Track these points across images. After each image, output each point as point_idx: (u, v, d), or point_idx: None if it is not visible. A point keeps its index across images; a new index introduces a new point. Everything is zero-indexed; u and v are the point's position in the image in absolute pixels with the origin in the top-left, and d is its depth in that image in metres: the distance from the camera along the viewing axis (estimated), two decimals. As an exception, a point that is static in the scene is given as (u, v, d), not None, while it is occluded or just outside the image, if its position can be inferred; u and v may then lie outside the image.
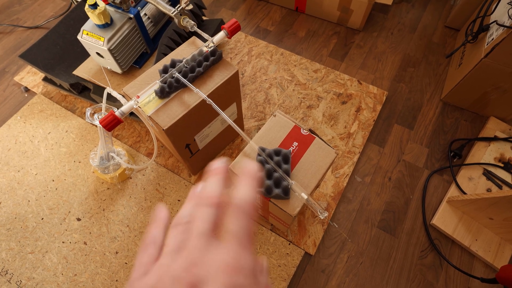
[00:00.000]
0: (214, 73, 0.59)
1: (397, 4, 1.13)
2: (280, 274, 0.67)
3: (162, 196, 0.77)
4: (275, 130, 0.53)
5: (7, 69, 1.00)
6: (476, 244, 0.70)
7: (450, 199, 0.74)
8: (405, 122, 0.88)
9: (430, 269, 0.69)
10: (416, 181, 0.80)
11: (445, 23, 1.07)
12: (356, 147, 0.83)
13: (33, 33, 1.08)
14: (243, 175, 0.20)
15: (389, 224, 0.74)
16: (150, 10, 0.81)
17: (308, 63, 0.98)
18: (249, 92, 0.92)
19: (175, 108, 0.55)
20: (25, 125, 0.88)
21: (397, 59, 1.00)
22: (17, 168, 0.81)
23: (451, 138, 0.85)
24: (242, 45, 1.02)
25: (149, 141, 0.85)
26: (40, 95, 0.93)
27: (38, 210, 0.75)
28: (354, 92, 0.92)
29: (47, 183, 0.79)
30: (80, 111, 0.90)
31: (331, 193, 0.76)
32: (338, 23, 1.08)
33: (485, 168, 0.78)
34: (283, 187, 0.46)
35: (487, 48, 0.74)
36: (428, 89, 0.94)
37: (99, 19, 0.68)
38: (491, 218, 0.68)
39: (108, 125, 0.50)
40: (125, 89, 0.58)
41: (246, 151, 0.51)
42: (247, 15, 1.11)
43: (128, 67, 0.79)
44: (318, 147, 0.51)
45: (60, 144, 0.85)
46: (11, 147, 0.84)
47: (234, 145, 0.83)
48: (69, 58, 0.87)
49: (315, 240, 0.71)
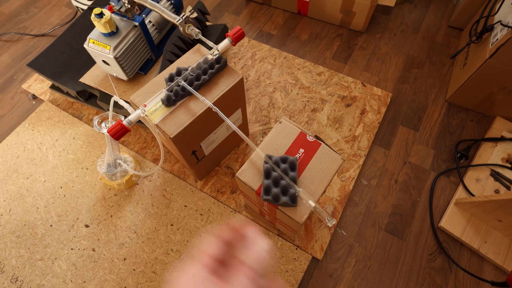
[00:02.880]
0: (220, 81, 0.59)
1: (400, 5, 1.13)
2: (287, 279, 0.67)
3: (168, 202, 0.77)
4: (281, 137, 0.53)
5: (15, 77, 1.02)
6: (485, 246, 0.70)
7: (457, 201, 0.74)
8: (410, 124, 0.88)
9: (439, 273, 0.69)
10: (422, 183, 0.79)
11: (448, 23, 1.06)
12: (362, 150, 0.83)
13: (40, 41, 1.09)
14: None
15: (397, 227, 0.74)
16: (155, 17, 0.82)
17: (312, 66, 0.98)
18: (253, 96, 0.93)
19: (181, 116, 0.56)
20: (33, 132, 0.89)
21: (400, 60, 1.00)
22: (26, 175, 0.82)
23: (457, 139, 0.85)
24: (246, 50, 1.02)
25: (155, 147, 0.85)
26: (48, 103, 0.94)
27: (47, 217, 0.76)
28: (358, 95, 0.92)
29: (55, 190, 0.80)
30: (87, 118, 0.91)
31: (338, 197, 0.76)
32: (340, 25, 1.08)
33: (493, 169, 0.78)
34: (291, 195, 0.46)
35: (492, 48, 0.74)
36: (433, 90, 0.94)
37: (105, 28, 0.68)
38: (500, 220, 0.67)
39: (116, 134, 0.51)
40: (132, 97, 0.59)
41: (253, 158, 0.51)
42: (250, 19, 1.12)
43: (133, 74, 0.80)
44: (324, 153, 0.51)
45: (68, 151, 0.86)
46: (19, 154, 0.86)
47: (240, 150, 0.84)
48: (75, 66, 0.88)
49: (322, 244, 0.71)
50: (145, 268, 0.70)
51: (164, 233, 0.74)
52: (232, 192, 0.78)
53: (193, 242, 0.72)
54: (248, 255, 0.24)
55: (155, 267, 0.70)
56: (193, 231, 0.74)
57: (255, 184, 0.50)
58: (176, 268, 0.68)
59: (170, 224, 0.75)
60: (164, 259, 0.71)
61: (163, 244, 0.72)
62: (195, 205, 0.77)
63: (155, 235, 0.73)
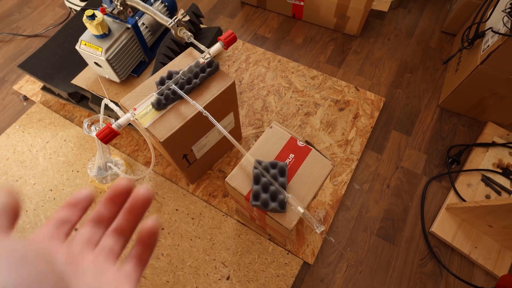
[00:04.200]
0: (211, 84, 0.59)
1: (394, 10, 1.14)
2: (278, 284, 0.67)
3: (160, 205, 0.77)
4: (272, 142, 0.53)
5: (6, 78, 1.01)
6: (476, 251, 0.70)
7: (449, 206, 0.74)
8: (403, 129, 0.88)
9: (430, 278, 0.69)
10: (414, 188, 0.80)
11: (441, 28, 1.07)
12: (354, 154, 0.83)
13: (33, 41, 1.08)
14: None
15: (388, 232, 0.74)
16: (148, 19, 0.81)
17: (306, 70, 0.98)
18: (246, 99, 0.92)
19: (172, 120, 0.55)
20: (23, 134, 0.88)
21: (394, 65, 1.01)
22: (16, 178, 0.81)
23: (449, 144, 0.85)
24: (240, 53, 1.02)
25: (147, 150, 0.85)
26: (39, 104, 0.93)
27: (36, 220, 0.75)
28: (352, 99, 0.92)
29: (45, 192, 0.79)
30: (79, 120, 0.90)
31: (329, 201, 0.76)
32: (335, 29, 1.08)
33: (484, 174, 0.78)
34: (280, 201, 0.46)
35: (483, 54, 0.74)
36: (426, 95, 0.94)
37: (97, 30, 0.68)
38: (491, 225, 0.68)
39: (105, 138, 0.50)
40: (122, 100, 0.58)
41: (243, 163, 0.51)
42: (245, 22, 1.12)
43: (126, 76, 0.80)
44: (315, 159, 0.51)
45: (59, 153, 0.85)
46: (9, 156, 0.84)
47: (232, 153, 0.83)
48: (67, 67, 0.87)
49: (314, 249, 0.71)
50: (135, 272, 0.69)
51: (155, 237, 0.73)
52: (224, 196, 0.78)
53: (184, 247, 0.72)
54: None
55: (144, 271, 0.69)
56: (184, 235, 0.73)
57: (245, 189, 0.49)
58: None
59: (161, 228, 0.74)
60: (154, 263, 0.70)
61: (153, 248, 0.72)
62: (187, 209, 0.76)
63: (146, 239, 0.73)
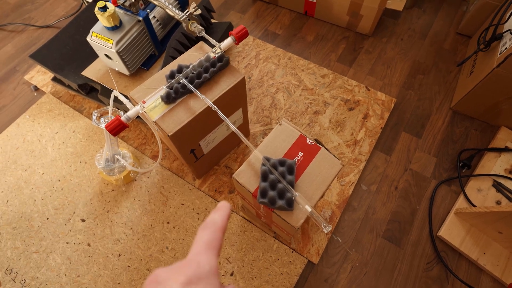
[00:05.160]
0: (221, 79, 0.59)
1: (408, 10, 1.12)
2: (282, 282, 0.67)
3: (166, 199, 0.77)
4: (281, 139, 0.52)
5: (17, 68, 1.02)
6: (484, 257, 0.69)
7: (458, 211, 0.73)
8: (413, 131, 0.87)
9: (435, 282, 0.68)
10: (423, 191, 0.78)
11: (457, 30, 1.05)
12: (363, 155, 0.82)
13: (44, 32, 1.09)
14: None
15: (395, 235, 0.73)
16: (159, 12, 0.81)
17: (316, 68, 0.97)
18: (255, 96, 0.92)
19: (180, 114, 0.55)
20: (33, 124, 0.89)
21: (406, 66, 0.99)
22: (25, 167, 0.82)
23: (460, 148, 0.84)
24: (250, 49, 1.01)
25: (155, 144, 0.85)
26: (49, 95, 0.94)
27: (43, 210, 0.76)
28: (362, 99, 0.91)
29: (53, 182, 0.80)
30: (88, 111, 0.91)
31: (336, 201, 0.76)
32: (347, 28, 1.07)
33: (495, 180, 0.76)
34: (287, 199, 0.45)
35: (500, 57, 0.72)
36: (438, 97, 0.92)
37: (108, 22, 0.68)
38: (500, 232, 0.66)
39: (114, 130, 0.50)
40: (131, 93, 0.58)
41: (251, 160, 0.51)
42: (256, 18, 1.11)
43: (136, 69, 0.80)
44: (324, 158, 0.51)
45: (67, 144, 0.85)
46: (19, 145, 0.85)
47: (239, 150, 0.83)
48: (78, 59, 0.88)
49: (319, 248, 0.70)
50: (139, 265, 0.70)
51: (160, 230, 0.73)
52: (230, 192, 0.77)
53: (188, 241, 0.72)
54: None
55: (149, 264, 0.70)
56: (189, 229, 0.73)
57: (252, 186, 0.49)
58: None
59: (166, 222, 0.74)
60: (159, 256, 0.70)
61: (158, 241, 0.72)
62: (192, 204, 0.76)
63: (151, 232, 0.73)
